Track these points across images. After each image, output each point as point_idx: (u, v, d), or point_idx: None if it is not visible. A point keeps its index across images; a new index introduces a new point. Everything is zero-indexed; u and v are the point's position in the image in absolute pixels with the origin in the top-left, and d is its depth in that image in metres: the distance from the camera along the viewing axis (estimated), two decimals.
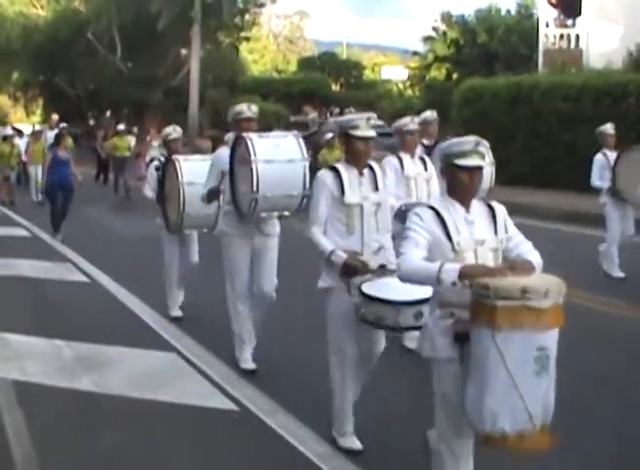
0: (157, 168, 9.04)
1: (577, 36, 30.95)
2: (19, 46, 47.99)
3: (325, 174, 5.30)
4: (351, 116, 5.31)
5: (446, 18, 43.38)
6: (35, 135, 22.83)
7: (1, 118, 50.51)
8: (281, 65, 67.59)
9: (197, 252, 9.08)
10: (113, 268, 11.31)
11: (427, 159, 7.86)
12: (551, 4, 33.25)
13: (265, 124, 27.91)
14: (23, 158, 22.93)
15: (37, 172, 20.95)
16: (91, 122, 50.72)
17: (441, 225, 4.10)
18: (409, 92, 49.14)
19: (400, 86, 51.31)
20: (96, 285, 10.61)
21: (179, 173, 8.29)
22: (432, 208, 4.19)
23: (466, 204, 4.19)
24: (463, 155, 4.10)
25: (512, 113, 22.79)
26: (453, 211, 4.16)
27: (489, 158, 8.87)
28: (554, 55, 30.68)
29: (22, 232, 15.78)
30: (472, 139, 4.16)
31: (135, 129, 30.88)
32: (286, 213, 6.70)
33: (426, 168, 7.71)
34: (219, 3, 43.29)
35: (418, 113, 9.57)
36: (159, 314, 8.89)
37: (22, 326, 8.42)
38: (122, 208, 20.51)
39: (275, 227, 6.98)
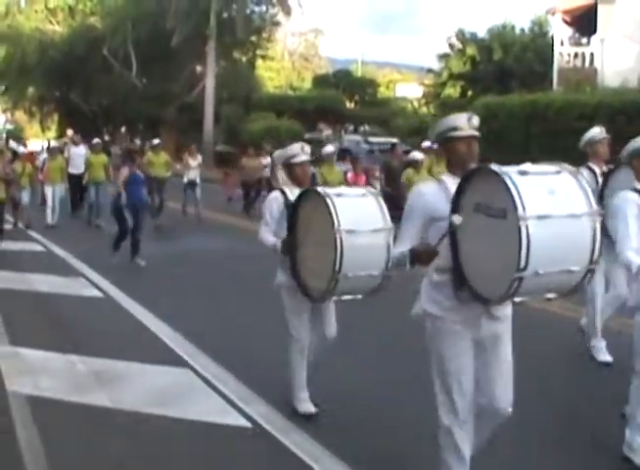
0: (287, 205, 6.06)
1: (592, 55, 30.96)
2: (34, 61, 48.63)
3: None
4: None
5: (461, 35, 43.50)
6: (52, 152, 20.84)
7: (17, 134, 50.84)
8: (296, 82, 67.95)
9: (334, 321, 6.26)
10: (127, 284, 11.33)
11: None
12: (566, 22, 33.33)
13: (279, 141, 28.02)
14: (40, 176, 20.80)
15: (55, 193, 19.35)
16: (106, 138, 51.06)
17: None
18: (424, 109, 49.25)
19: (415, 104, 51.50)
20: (110, 300, 10.60)
21: (335, 216, 5.24)
22: None
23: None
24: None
25: (527, 130, 22.79)
26: None
27: None
28: (568, 73, 30.70)
29: (37, 247, 15.80)
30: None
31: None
32: (550, 296, 3.96)
33: None
34: (235, 20, 43.63)
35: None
36: (172, 330, 8.83)
37: (36, 341, 8.40)
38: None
39: (508, 307, 4.37)
